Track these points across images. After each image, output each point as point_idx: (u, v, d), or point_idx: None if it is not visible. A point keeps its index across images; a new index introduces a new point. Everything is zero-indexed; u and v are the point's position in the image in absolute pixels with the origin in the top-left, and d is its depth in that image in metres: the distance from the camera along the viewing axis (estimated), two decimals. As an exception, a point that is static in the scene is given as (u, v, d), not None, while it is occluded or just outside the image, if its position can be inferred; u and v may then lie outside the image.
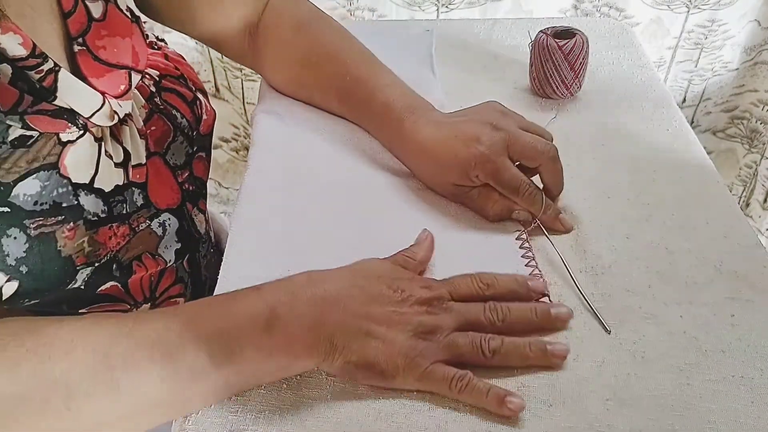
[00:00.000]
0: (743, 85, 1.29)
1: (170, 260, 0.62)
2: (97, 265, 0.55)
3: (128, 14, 0.57)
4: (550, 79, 0.71)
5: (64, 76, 0.50)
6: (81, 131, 0.52)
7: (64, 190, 0.51)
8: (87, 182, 0.53)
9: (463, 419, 0.44)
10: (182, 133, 0.64)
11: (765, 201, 1.38)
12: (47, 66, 0.49)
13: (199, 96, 0.69)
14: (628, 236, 0.57)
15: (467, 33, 0.85)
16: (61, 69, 0.50)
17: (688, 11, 1.16)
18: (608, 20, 0.99)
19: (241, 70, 1.25)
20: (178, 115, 0.64)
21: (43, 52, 0.49)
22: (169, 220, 0.62)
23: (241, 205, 0.60)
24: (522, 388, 0.46)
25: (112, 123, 0.55)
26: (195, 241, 0.66)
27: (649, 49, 1.17)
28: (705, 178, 0.63)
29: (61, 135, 0.51)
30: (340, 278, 0.48)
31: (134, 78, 0.57)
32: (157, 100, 0.62)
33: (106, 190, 0.55)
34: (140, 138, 0.59)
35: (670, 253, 0.55)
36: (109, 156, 0.55)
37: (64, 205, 0.51)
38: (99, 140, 0.54)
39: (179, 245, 0.63)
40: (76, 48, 0.53)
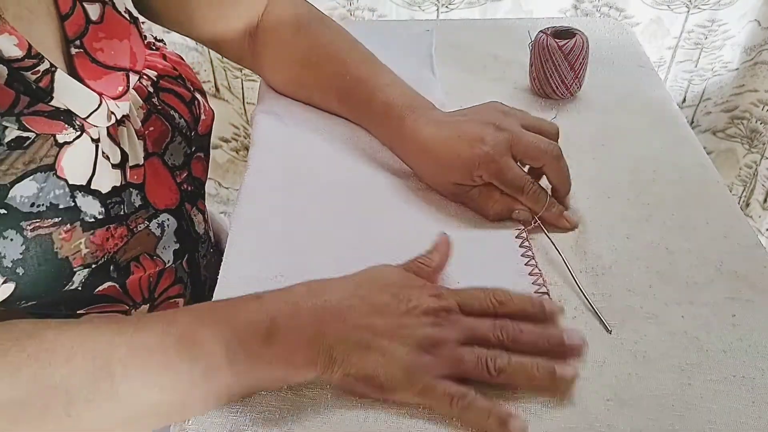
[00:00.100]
0: (743, 85, 1.29)
1: (169, 261, 0.62)
2: (94, 266, 0.55)
3: (126, 16, 0.57)
4: (550, 79, 0.71)
5: (61, 76, 0.50)
6: (78, 132, 0.52)
7: (61, 191, 0.51)
8: (84, 184, 0.53)
9: (463, 420, 0.44)
10: (180, 133, 0.64)
11: (765, 201, 1.38)
12: (43, 67, 0.49)
13: (198, 96, 0.69)
14: (628, 236, 0.57)
15: (467, 33, 0.85)
16: (57, 69, 0.50)
17: (688, 11, 1.16)
18: (608, 20, 0.99)
19: (241, 70, 1.25)
20: (176, 116, 0.64)
21: (39, 53, 0.49)
22: (168, 220, 0.62)
23: (241, 205, 0.60)
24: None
25: (109, 123, 0.55)
26: (194, 241, 0.65)
27: (649, 49, 1.17)
28: (705, 178, 0.62)
29: (58, 136, 0.51)
30: (343, 288, 0.46)
31: (132, 79, 0.57)
32: (155, 101, 0.62)
33: (104, 192, 0.55)
34: (138, 139, 0.59)
35: (671, 253, 0.55)
36: (107, 157, 0.55)
37: (61, 206, 0.51)
38: (96, 141, 0.54)
39: (178, 246, 0.63)
40: (74, 50, 0.53)
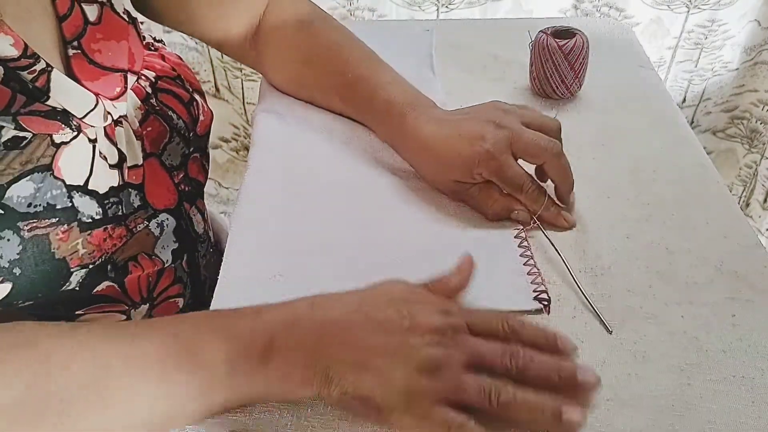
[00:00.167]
0: (743, 85, 1.29)
1: (167, 260, 0.62)
2: (92, 266, 0.54)
3: (125, 17, 0.57)
4: (550, 79, 0.71)
5: (57, 76, 0.50)
6: (75, 133, 0.52)
7: (58, 192, 0.51)
8: (81, 184, 0.53)
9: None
10: (178, 134, 0.64)
11: (765, 201, 1.38)
12: (39, 66, 0.49)
13: (196, 97, 0.68)
14: (628, 236, 0.57)
15: (467, 33, 0.85)
16: (54, 69, 0.50)
17: (688, 11, 1.16)
18: (608, 20, 0.99)
19: (241, 70, 1.25)
20: (175, 117, 0.64)
21: (35, 53, 0.49)
22: (167, 220, 0.61)
23: (241, 205, 0.60)
24: (522, 389, 0.45)
25: (105, 124, 0.55)
26: (193, 241, 0.65)
27: (649, 49, 1.16)
28: (705, 178, 0.62)
29: (55, 136, 0.51)
30: (346, 303, 0.45)
31: (130, 80, 0.57)
32: (153, 102, 0.62)
33: (101, 192, 0.55)
34: (136, 139, 0.59)
35: (670, 253, 0.55)
36: (104, 158, 0.55)
37: (58, 206, 0.51)
38: (93, 142, 0.54)
39: (176, 245, 0.63)
40: (71, 52, 0.52)
